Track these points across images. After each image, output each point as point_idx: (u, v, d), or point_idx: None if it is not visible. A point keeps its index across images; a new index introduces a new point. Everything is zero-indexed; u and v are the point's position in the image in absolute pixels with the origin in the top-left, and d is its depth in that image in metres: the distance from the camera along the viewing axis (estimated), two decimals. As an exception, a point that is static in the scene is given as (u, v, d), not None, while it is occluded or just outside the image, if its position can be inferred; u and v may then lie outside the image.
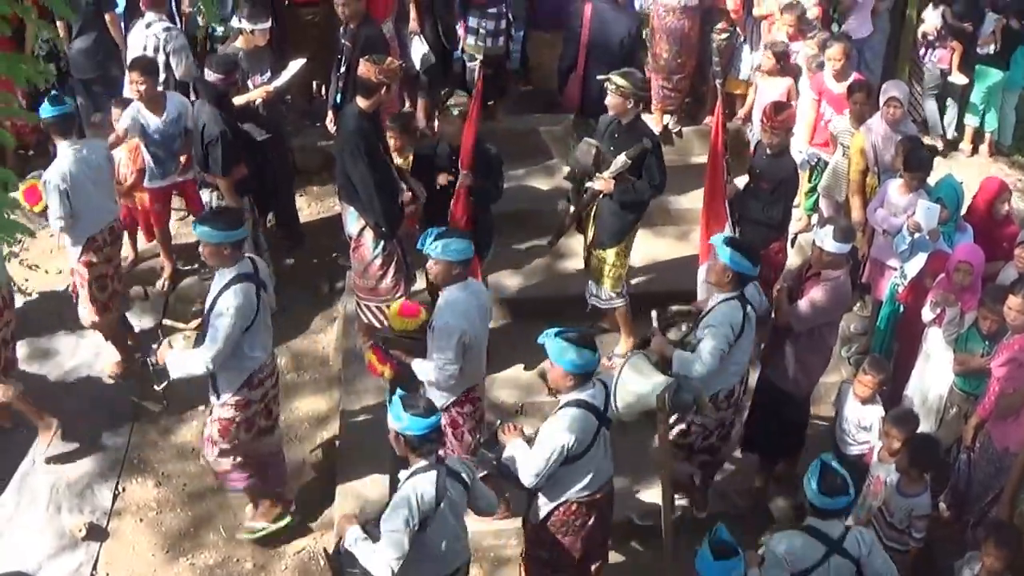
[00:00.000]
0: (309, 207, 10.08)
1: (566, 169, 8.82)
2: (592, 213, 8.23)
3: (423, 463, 5.57)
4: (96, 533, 7.54)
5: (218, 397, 6.81)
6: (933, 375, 7.48)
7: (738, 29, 10.46)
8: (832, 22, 10.70)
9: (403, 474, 5.67)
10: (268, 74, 9.08)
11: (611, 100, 7.97)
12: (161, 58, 9.19)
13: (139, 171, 8.97)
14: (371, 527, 5.65)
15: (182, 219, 9.69)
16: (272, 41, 9.34)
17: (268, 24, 9.10)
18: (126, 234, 9.08)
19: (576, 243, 8.91)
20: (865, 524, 6.66)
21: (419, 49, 10.15)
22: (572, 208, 8.48)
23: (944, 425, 7.42)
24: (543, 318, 7.37)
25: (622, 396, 6.14)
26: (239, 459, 7.06)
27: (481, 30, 10.24)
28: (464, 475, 5.81)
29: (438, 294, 6.88)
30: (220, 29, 9.58)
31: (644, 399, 6.11)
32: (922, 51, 11.17)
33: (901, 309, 8.06)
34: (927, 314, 7.44)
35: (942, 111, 11.41)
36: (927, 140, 10.63)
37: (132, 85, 8.62)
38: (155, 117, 8.69)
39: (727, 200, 8.11)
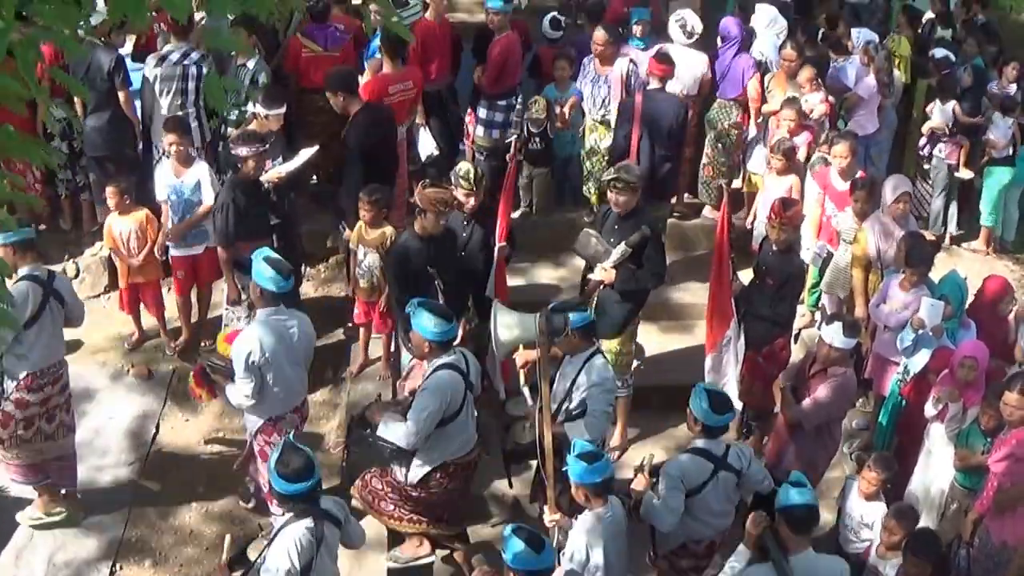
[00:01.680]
0: (315, 291, 10.10)
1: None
2: (593, 304, 8.25)
3: (299, 508, 5.82)
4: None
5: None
6: (935, 470, 7.47)
7: (749, 125, 10.61)
8: (839, 119, 10.79)
9: (277, 521, 5.99)
10: (280, 159, 9.18)
11: (619, 198, 8.03)
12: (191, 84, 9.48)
13: (152, 245, 9.10)
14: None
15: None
16: (284, 127, 9.49)
17: (282, 110, 9.27)
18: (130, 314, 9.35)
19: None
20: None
21: (426, 142, 10.28)
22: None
23: (945, 520, 7.38)
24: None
25: (502, 329, 6.59)
26: (18, 454, 7.53)
27: (491, 121, 10.41)
28: (337, 515, 6.03)
29: None
30: (235, 114, 9.72)
31: (523, 324, 6.57)
32: (925, 146, 11.28)
33: (903, 404, 8.05)
34: (930, 409, 7.44)
35: (946, 206, 11.47)
36: (929, 235, 10.70)
37: (171, 147, 8.84)
38: (177, 178, 8.94)
39: (733, 296, 8.16)
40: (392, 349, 8.94)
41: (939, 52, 11.64)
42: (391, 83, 9.68)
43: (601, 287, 8.16)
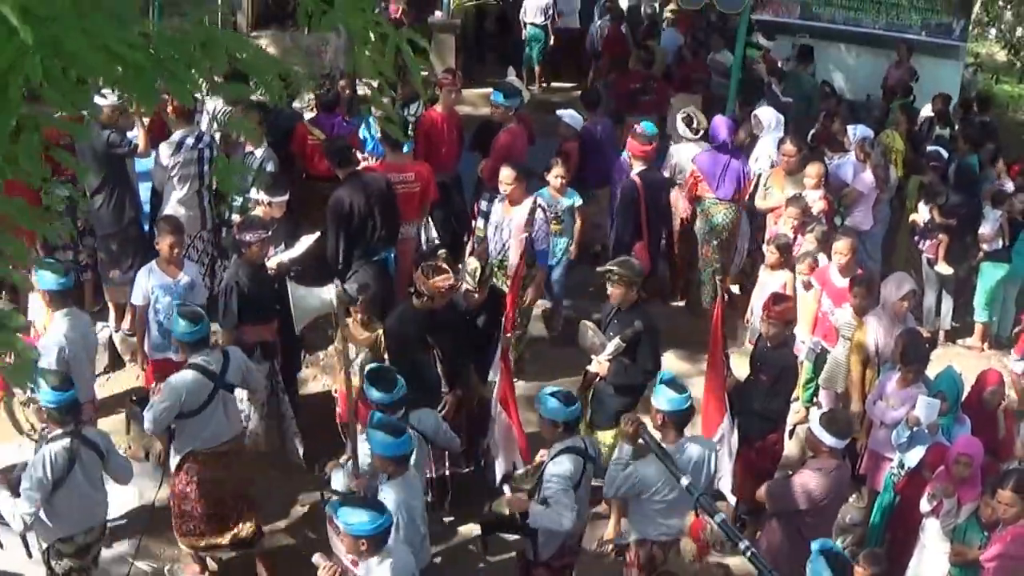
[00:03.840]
0: (314, 379, 10.11)
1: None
2: (590, 396, 8.32)
3: (59, 431, 6.85)
4: None
5: None
6: (929, 566, 7.44)
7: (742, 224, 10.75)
8: (836, 215, 10.89)
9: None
10: (282, 246, 9.24)
11: (614, 290, 8.17)
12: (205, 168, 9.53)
13: None
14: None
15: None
16: (287, 213, 9.57)
17: (285, 197, 9.37)
18: None
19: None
20: None
21: (429, 234, 10.39)
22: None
23: (939, 615, 7.33)
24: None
25: (298, 301, 7.18)
26: None
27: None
28: (100, 445, 7.05)
29: None
30: (239, 200, 9.82)
31: (320, 297, 7.24)
32: (919, 242, 11.41)
33: (897, 500, 8.04)
34: (925, 505, 7.43)
35: (939, 302, 11.54)
36: (924, 331, 10.75)
37: (170, 249, 8.60)
38: (168, 279, 8.66)
39: (727, 391, 8.20)
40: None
41: (932, 147, 11.83)
42: (389, 172, 9.75)
43: (597, 379, 8.22)
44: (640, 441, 6.91)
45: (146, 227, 10.13)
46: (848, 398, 9.03)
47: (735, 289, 11.04)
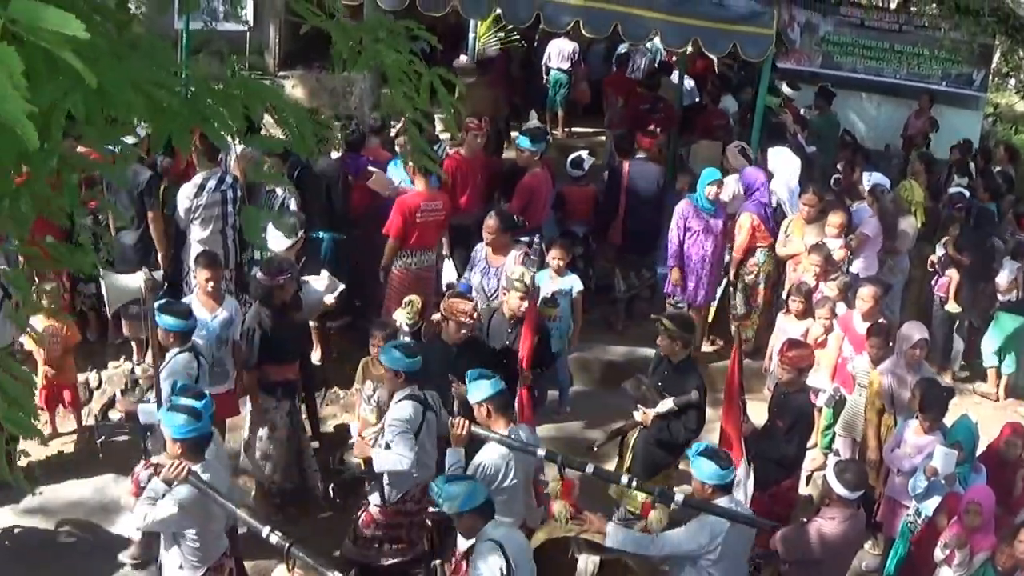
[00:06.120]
0: (335, 417, 10.16)
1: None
2: (632, 441, 8.40)
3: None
4: None
5: None
6: (943, 614, 7.40)
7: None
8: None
9: None
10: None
11: (662, 341, 8.27)
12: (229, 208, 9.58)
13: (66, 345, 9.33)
14: None
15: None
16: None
17: (300, 238, 9.60)
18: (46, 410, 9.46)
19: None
20: None
21: (448, 271, 10.48)
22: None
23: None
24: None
25: (110, 288, 7.95)
26: None
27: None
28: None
29: None
30: (258, 254, 9.84)
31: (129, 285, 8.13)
32: (933, 280, 11.48)
33: (912, 548, 8.02)
34: (938, 554, 7.42)
35: (949, 343, 11.57)
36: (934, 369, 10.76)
37: (207, 283, 8.59)
38: (209, 313, 8.61)
39: (743, 437, 8.22)
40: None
41: (954, 189, 11.90)
42: (424, 200, 9.91)
43: (639, 427, 8.32)
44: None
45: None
46: (866, 445, 9.03)
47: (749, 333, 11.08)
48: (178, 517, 6.33)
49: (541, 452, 7.03)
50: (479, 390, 7.10)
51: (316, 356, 10.26)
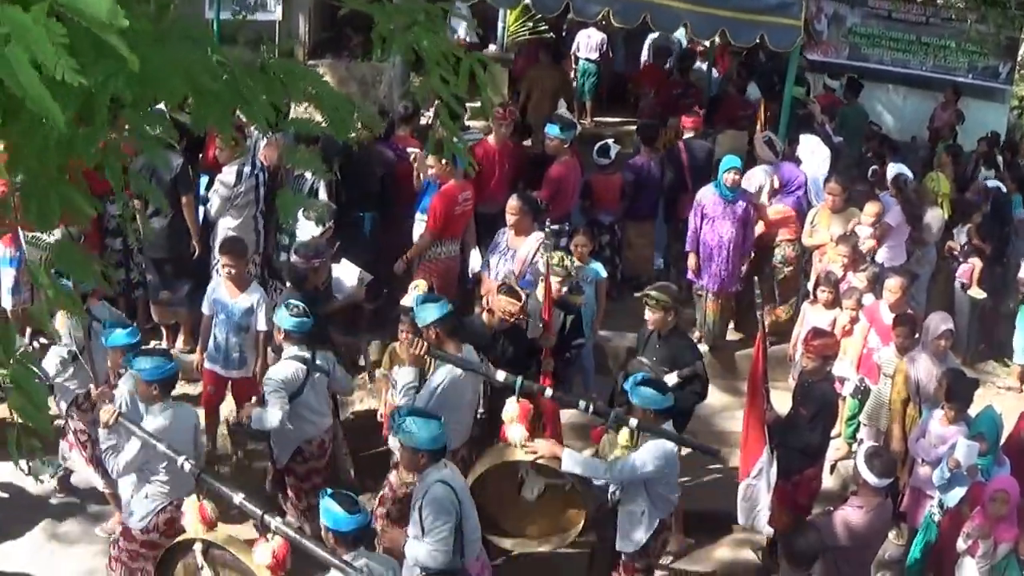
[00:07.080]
0: (361, 402, 10.18)
1: None
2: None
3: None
4: None
5: None
6: (965, 605, 7.43)
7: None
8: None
9: None
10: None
11: (651, 315, 8.33)
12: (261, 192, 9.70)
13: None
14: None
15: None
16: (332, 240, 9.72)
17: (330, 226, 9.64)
18: None
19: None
20: None
21: (475, 260, 10.52)
22: None
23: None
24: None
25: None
26: None
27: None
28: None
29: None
30: (286, 239, 9.97)
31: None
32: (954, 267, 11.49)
33: (937, 538, 8.05)
34: (961, 544, 7.45)
35: (970, 329, 11.54)
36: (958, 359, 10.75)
37: (225, 268, 8.78)
38: (231, 298, 8.82)
39: (767, 425, 8.25)
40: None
41: (991, 183, 11.91)
42: (460, 192, 9.94)
43: None
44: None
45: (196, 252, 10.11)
46: (890, 436, 9.06)
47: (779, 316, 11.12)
48: (142, 453, 6.88)
49: (501, 376, 7.19)
50: (427, 313, 7.35)
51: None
